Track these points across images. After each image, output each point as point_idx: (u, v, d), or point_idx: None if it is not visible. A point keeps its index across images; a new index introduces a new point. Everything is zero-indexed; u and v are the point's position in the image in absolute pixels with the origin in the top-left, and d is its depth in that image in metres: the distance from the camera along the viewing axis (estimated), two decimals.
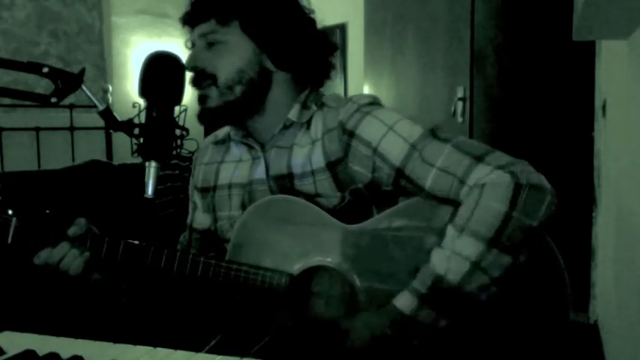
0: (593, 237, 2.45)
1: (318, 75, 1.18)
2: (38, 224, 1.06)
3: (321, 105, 1.15)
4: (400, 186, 1.06)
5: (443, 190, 1.01)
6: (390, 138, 1.05)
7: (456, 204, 1.00)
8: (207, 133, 1.32)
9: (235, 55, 1.10)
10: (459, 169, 1.00)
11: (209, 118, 1.13)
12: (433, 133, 1.04)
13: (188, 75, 1.10)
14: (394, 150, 1.04)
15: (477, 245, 0.93)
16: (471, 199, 0.96)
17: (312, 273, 1.09)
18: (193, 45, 1.13)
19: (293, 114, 1.14)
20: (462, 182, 0.99)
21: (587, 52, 2.39)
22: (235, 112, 1.13)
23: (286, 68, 1.13)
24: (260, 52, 1.11)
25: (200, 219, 1.28)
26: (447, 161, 1.01)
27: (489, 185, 0.96)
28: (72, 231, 1.07)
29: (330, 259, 1.06)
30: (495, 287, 0.94)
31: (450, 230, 0.96)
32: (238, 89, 1.10)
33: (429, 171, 1.01)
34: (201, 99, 1.12)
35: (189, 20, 1.13)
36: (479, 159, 1.00)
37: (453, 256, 0.94)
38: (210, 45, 1.10)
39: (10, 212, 1.05)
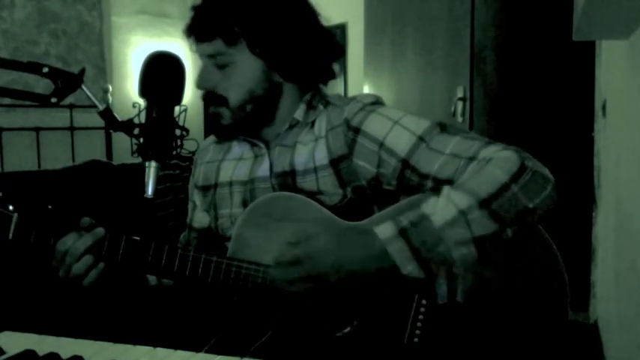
0: (593, 237, 2.45)
1: (325, 79, 1.19)
2: (39, 220, 1.06)
3: (326, 104, 1.16)
4: (404, 180, 1.06)
5: (449, 172, 1.01)
6: (397, 131, 1.06)
7: None
8: (207, 134, 1.33)
9: (245, 76, 1.11)
10: (468, 152, 1.01)
11: (224, 133, 1.18)
12: (442, 126, 1.06)
13: (199, 92, 1.13)
14: (401, 142, 1.06)
15: (468, 199, 0.92)
16: (476, 167, 0.98)
17: None
18: (200, 57, 1.14)
19: (299, 114, 1.15)
20: (471, 160, 1.00)
21: (587, 52, 2.39)
22: (248, 125, 1.15)
23: (295, 80, 1.14)
24: (269, 68, 1.12)
25: (199, 218, 1.29)
26: (456, 148, 1.03)
27: (496, 158, 0.98)
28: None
29: None
30: (473, 250, 0.92)
31: (447, 187, 0.97)
32: (249, 107, 1.13)
33: (438, 158, 1.03)
34: (214, 116, 1.14)
35: (194, 35, 1.12)
36: (489, 143, 1.02)
37: (443, 201, 0.94)
38: (219, 66, 1.11)
39: (11, 208, 1.05)
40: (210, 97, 1.13)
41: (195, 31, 1.12)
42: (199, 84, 1.13)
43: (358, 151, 1.09)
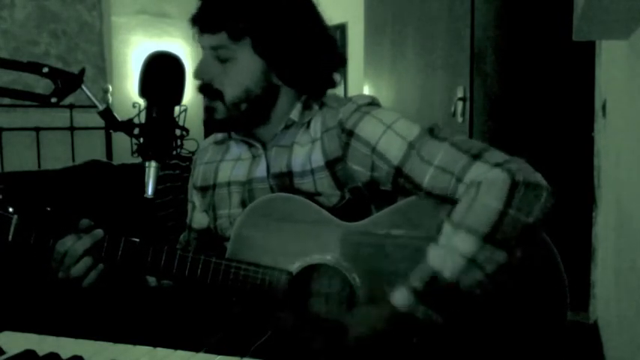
0: (593, 237, 2.45)
1: (324, 87, 1.18)
2: (39, 221, 1.06)
3: (321, 105, 1.16)
4: (399, 185, 1.06)
5: (441, 189, 1.01)
6: (389, 137, 1.06)
7: (454, 202, 1.00)
8: (207, 134, 1.33)
9: (244, 73, 1.10)
10: (456, 167, 1.00)
11: (216, 128, 1.17)
12: (431, 131, 1.05)
13: (194, 81, 1.11)
14: (393, 149, 1.05)
15: (472, 241, 0.93)
16: (468, 197, 0.97)
17: (311, 271, 1.09)
18: (202, 48, 1.12)
19: (295, 114, 1.15)
20: (459, 180, 0.99)
21: (587, 52, 2.39)
22: (241, 123, 1.14)
23: (294, 85, 1.14)
24: (269, 70, 1.11)
25: (199, 219, 1.29)
26: (444, 159, 1.01)
27: (486, 183, 0.96)
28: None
29: (329, 257, 1.06)
30: (490, 282, 0.94)
31: (447, 227, 0.96)
32: (244, 106, 1.11)
33: (427, 169, 1.02)
34: (208, 110, 1.12)
35: (199, 25, 1.11)
36: (476, 157, 1.00)
37: (449, 252, 0.94)
38: (220, 59, 1.10)
39: (10, 210, 1.05)
40: (206, 90, 1.11)
41: (201, 21, 1.10)
42: (197, 74, 1.11)
43: (352, 155, 1.08)
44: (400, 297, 0.95)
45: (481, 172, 0.98)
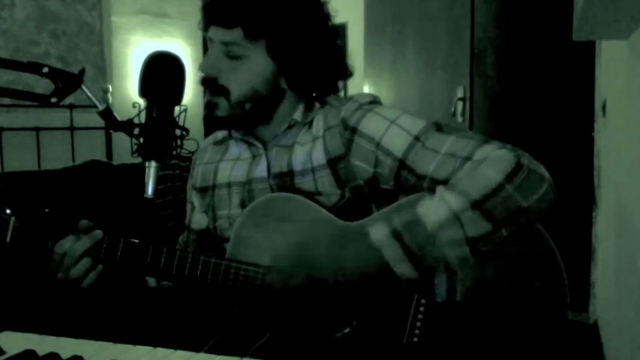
0: (593, 237, 2.45)
1: (328, 93, 1.18)
2: (37, 223, 1.06)
3: (323, 104, 1.16)
4: (401, 180, 1.06)
5: (446, 173, 1.01)
6: (393, 131, 1.06)
7: None
8: (207, 134, 1.33)
9: (253, 73, 1.09)
10: (464, 152, 1.01)
11: (216, 125, 1.16)
12: (437, 126, 1.06)
13: (196, 76, 1.11)
14: (397, 142, 1.05)
15: (461, 200, 0.92)
16: (471, 167, 0.98)
17: None
18: (210, 40, 1.11)
19: (298, 115, 1.15)
20: (467, 159, 1.00)
21: (587, 52, 2.39)
22: (244, 122, 1.14)
23: (300, 90, 1.14)
24: (279, 73, 1.11)
25: (198, 219, 1.29)
26: (451, 148, 1.02)
27: (491, 158, 0.97)
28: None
29: None
30: (467, 249, 0.92)
31: (441, 188, 0.96)
32: (248, 105, 1.11)
33: (433, 157, 1.02)
34: (210, 106, 1.11)
35: (213, 17, 1.09)
36: (484, 142, 1.02)
37: (437, 205, 0.93)
38: (230, 56, 1.09)
39: (8, 211, 1.05)
40: (210, 84, 1.10)
41: (217, 14, 1.08)
42: (204, 68, 1.10)
43: (355, 151, 1.09)
44: (377, 229, 0.95)
45: (489, 150, 0.99)
